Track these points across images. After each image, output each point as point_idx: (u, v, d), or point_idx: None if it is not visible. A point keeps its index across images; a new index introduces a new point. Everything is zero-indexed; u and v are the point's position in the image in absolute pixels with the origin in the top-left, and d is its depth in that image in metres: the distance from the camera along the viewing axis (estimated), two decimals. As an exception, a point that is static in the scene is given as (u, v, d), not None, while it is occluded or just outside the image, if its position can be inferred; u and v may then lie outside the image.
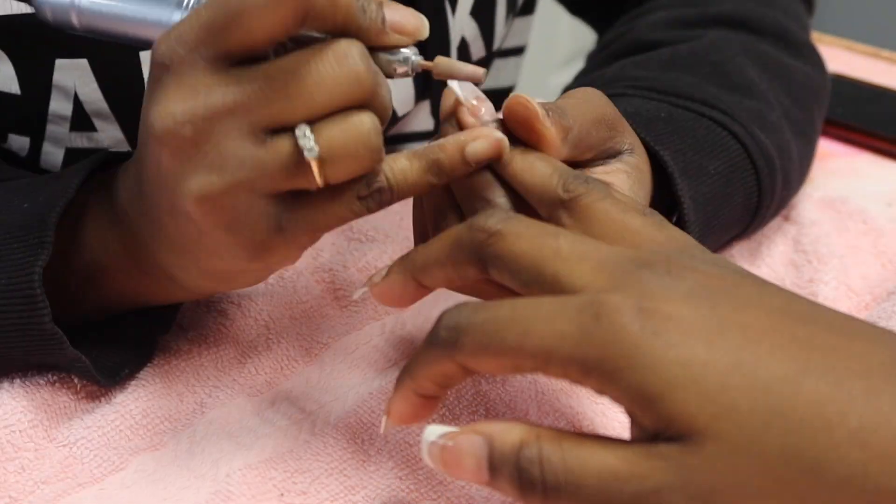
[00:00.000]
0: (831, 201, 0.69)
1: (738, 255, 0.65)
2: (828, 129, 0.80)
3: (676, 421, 0.33)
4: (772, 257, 0.65)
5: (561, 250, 0.38)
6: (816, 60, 0.70)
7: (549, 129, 0.45)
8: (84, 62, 0.57)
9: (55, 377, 0.52)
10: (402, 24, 0.43)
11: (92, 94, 0.58)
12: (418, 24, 0.43)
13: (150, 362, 0.54)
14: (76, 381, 0.52)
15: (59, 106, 0.58)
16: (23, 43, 0.56)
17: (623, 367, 0.34)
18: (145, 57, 0.57)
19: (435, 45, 0.67)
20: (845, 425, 0.33)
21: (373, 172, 0.43)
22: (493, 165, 0.45)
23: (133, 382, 0.52)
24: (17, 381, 0.52)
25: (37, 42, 0.56)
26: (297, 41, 0.42)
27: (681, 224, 0.55)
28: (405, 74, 0.44)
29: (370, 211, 0.43)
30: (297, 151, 0.40)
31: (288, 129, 0.40)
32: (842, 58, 0.95)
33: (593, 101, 0.48)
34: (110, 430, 0.50)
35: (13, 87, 0.57)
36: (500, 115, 0.46)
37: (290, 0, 0.39)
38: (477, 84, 0.46)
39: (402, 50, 0.43)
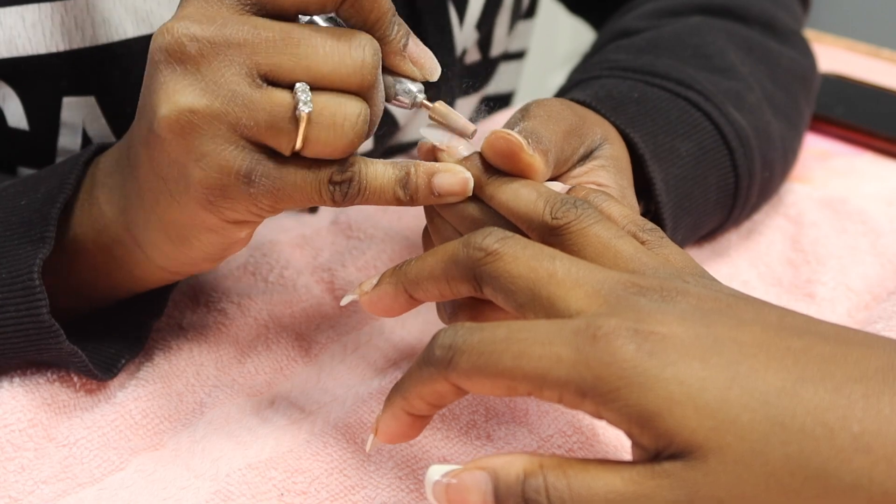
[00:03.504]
0: (831, 201, 0.69)
1: (737, 254, 0.65)
2: (828, 129, 0.80)
3: (677, 437, 0.34)
4: (770, 257, 0.65)
5: (556, 273, 0.38)
6: (804, 48, 0.70)
7: (535, 157, 0.45)
8: (92, 99, 0.57)
9: (55, 376, 0.52)
10: (419, 59, 0.45)
11: (101, 130, 0.58)
12: (433, 66, 0.45)
13: (150, 362, 0.54)
14: (76, 380, 0.52)
15: (68, 141, 0.59)
16: (30, 82, 0.56)
17: (620, 387, 0.34)
18: None
19: (440, 56, 0.67)
20: (847, 431, 0.33)
21: (349, 162, 0.44)
22: (479, 195, 0.45)
23: (133, 382, 0.52)
24: (17, 380, 0.52)
25: (44, 81, 0.56)
26: None
27: (655, 206, 0.55)
28: (402, 105, 0.45)
29: (335, 201, 0.44)
30: (290, 105, 0.41)
31: (286, 86, 0.41)
32: (842, 58, 0.95)
33: (557, 113, 0.48)
34: (110, 430, 0.50)
35: (22, 123, 0.58)
36: (478, 149, 0.46)
37: None
38: (463, 136, 0.47)
39: (408, 83, 0.45)
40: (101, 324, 0.53)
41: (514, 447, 0.48)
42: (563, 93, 0.62)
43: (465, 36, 0.69)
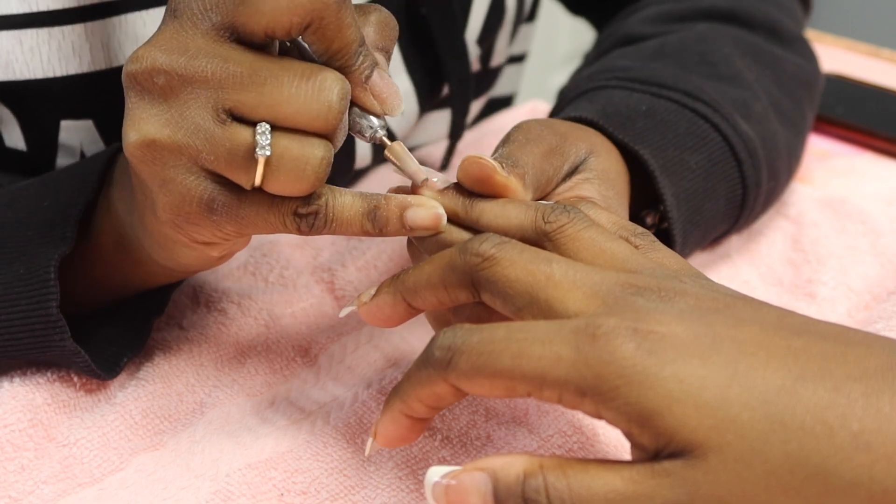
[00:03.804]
0: (831, 201, 0.69)
1: (737, 255, 0.65)
2: (828, 129, 0.80)
3: (677, 436, 0.34)
4: (771, 257, 0.65)
5: (554, 276, 0.38)
6: (808, 53, 0.70)
7: (510, 179, 0.45)
8: (90, 123, 0.57)
9: (55, 376, 0.52)
10: (382, 93, 0.44)
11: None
12: (395, 104, 0.44)
13: (150, 362, 0.54)
14: (76, 380, 0.52)
15: (67, 162, 0.59)
16: (27, 105, 0.56)
17: (619, 385, 0.34)
18: None
19: (453, 65, 0.67)
20: (847, 429, 0.33)
21: (315, 195, 0.43)
22: (466, 221, 0.45)
23: (133, 382, 0.52)
24: (17, 380, 0.52)
25: (42, 104, 0.56)
26: (303, 54, 0.43)
27: (664, 220, 0.55)
28: (361, 138, 0.45)
29: (301, 231, 0.44)
30: (250, 144, 0.41)
31: (251, 122, 0.41)
32: (842, 58, 0.95)
33: (536, 135, 0.48)
34: (110, 430, 0.50)
35: (20, 144, 0.58)
36: (454, 180, 0.46)
37: (304, 3, 0.40)
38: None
39: (372, 117, 0.44)
40: (102, 323, 0.53)
41: (514, 447, 0.48)
42: (567, 101, 0.62)
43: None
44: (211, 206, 0.42)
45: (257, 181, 0.41)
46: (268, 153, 0.40)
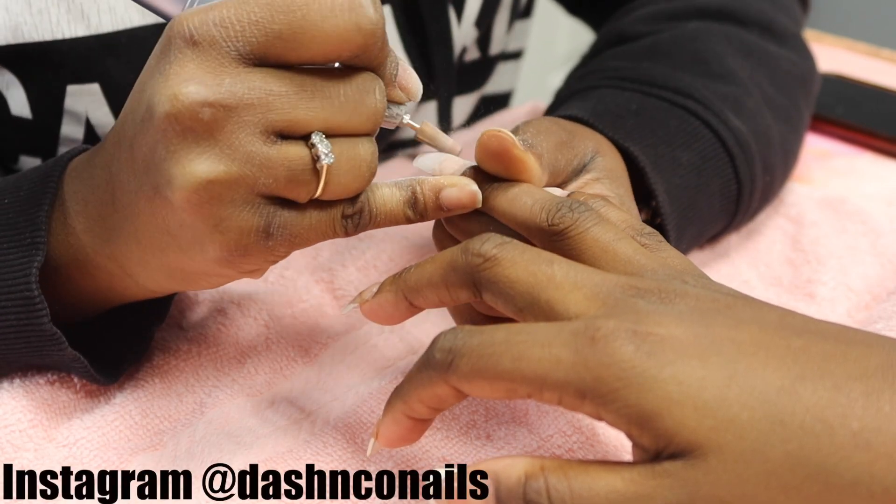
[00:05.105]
0: (831, 201, 0.69)
1: (737, 254, 0.65)
2: (828, 129, 0.81)
3: (676, 437, 0.34)
4: (770, 257, 0.65)
5: (555, 277, 0.38)
6: (804, 50, 0.71)
7: (527, 154, 0.45)
8: (96, 87, 0.57)
9: (55, 377, 0.52)
10: (406, 83, 0.45)
11: (104, 118, 0.58)
12: (417, 88, 0.45)
13: (150, 362, 0.54)
14: (76, 380, 0.52)
15: (71, 130, 0.58)
16: (34, 69, 0.56)
17: (619, 388, 0.34)
18: None
19: (439, 54, 0.67)
20: (847, 428, 0.33)
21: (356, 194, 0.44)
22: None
23: (132, 383, 0.52)
24: (17, 381, 0.52)
25: (48, 68, 0.56)
26: None
27: (656, 216, 0.56)
28: (388, 126, 0.46)
29: (347, 233, 0.44)
30: (309, 158, 0.41)
31: (298, 137, 0.41)
32: (842, 58, 0.95)
33: (546, 129, 0.49)
34: (110, 430, 0.50)
35: (25, 111, 0.57)
36: (472, 163, 0.47)
37: (358, 37, 0.40)
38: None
39: (394, 106, 0.45)
40: (103, 329, 0.53)
41: (514, 447, 0.48)
42: (560, 101, 0.62)
43: (463, 33, 0.69)
44: (268, 232, 0.42)
45: (320, 191, 0.41)
46: (332, 160, 0.41)
